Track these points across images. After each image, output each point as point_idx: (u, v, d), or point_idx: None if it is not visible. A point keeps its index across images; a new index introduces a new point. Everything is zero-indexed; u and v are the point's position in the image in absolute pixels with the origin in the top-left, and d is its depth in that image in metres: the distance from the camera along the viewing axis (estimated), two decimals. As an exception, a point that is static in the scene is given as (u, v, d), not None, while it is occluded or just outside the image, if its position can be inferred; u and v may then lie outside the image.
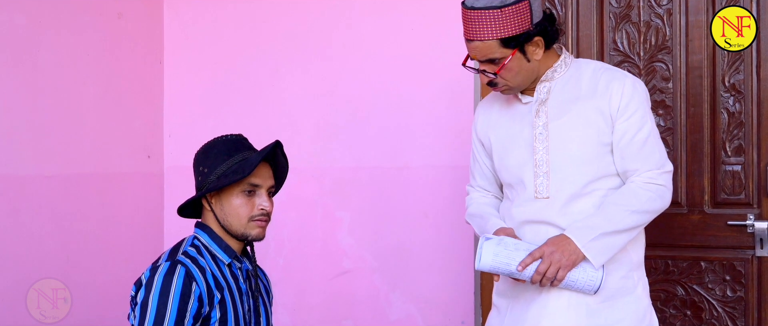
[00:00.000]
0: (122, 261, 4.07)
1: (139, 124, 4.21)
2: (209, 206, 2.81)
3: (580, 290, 2.75)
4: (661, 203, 2.82)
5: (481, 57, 2.80)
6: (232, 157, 2.79)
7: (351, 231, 4.10)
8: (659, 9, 3.71)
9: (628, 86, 2.81)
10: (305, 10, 4.17)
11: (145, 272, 2.72)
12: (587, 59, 3.00)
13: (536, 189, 2.83)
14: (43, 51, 3.72)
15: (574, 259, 2.71)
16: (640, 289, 2.86)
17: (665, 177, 2.83)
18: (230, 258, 2.82)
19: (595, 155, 2.81)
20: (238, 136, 2.85)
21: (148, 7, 4.28)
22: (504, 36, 2.75)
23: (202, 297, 2.70)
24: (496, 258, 2.71)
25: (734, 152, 3.63)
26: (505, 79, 2.81)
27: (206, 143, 2.84)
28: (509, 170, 2.91)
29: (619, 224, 2.74)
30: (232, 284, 2.80)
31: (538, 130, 2.84)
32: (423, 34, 4.02)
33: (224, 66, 4.30)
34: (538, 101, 2.86)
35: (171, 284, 2.67)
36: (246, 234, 2.82)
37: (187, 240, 2.83)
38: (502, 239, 2.75)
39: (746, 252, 3.62)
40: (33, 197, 3.68)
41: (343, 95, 4.13)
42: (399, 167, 4.04)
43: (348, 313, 4.11)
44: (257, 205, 2.81)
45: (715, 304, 3.66)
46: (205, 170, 2.79)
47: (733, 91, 3.63)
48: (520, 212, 2.87)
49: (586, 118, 2.81)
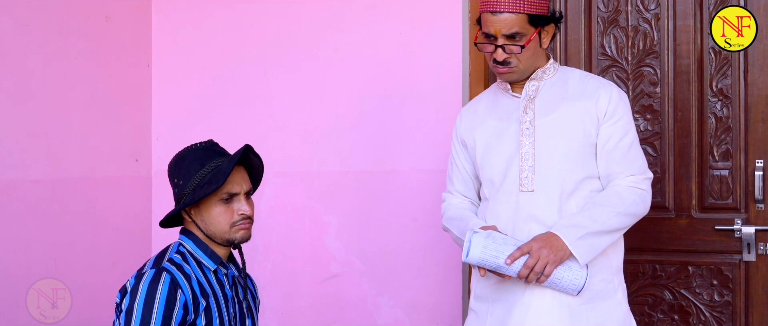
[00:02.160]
0: (110, 265, 4.05)
1: (127, 127, 4.20)
2: (190, 218, 2.81)
3: (563, 289, 2.77)
4: (643, 208, 2.88)
5: (507, 31, 2.82)
6: (204, 166, 2.77)
7: (339, 235, 4.09)
8: (647, 14, 3.71)
9: (615, 93, 2.90)
10: (294, 13, 4.17)
11: (130, 279, 2.71)
12: (572, 68, 3.07)
13: (521, 182, 2.86)
14: (30, 54, 3.71)
15: (561, 256, 2.74)
16: (619, 294, 2.91)
17: (647, 183, 2.90)
18: (216, 265, 2.81)
19: (580, 154, 2.85)
20: (208, 143, 2.84)
21: (136, 11, 4.27)
22: (534, 12, 2.82)
23: (187, 304, 2.69)
24: (485, 250, 2.73)
25: (722, 156, 3.64)
26: (519, 59, 2.85)
27: (177, 153, 2.83)
28: (494, 164, 2.93)
29: (605, 225, 2.78)
30: (217, 291, 2.79)
31: (524, 125, 2.89)
32: (412, 39, 4.02)
33: (212, 70, 4.30)
34: (527, 98, 2.92)
35: (156, 291, 2.66)
36: (231, 239, 2.82)
37: (172, 247, 2.82)
38: (490, 233, 2.77)
39: (733, 257, 3.62)
40: (20, 201, 3.66)
41: (332, 99, 4.12)
42: (387, 172, 4.04)
43: (336, 317, 4.10)
44: (237, 210, 2.81)
45: (703, 309, 3.66)
46: (180, 182, 2.78)
47: (721, 95, 3.63)
48: (504, 208, 2.89)
49: (573, 117, 2.87)
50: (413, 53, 4.02)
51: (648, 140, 3.70)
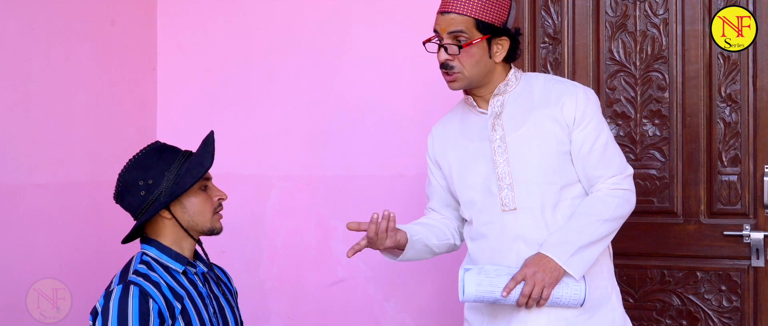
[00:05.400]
0: (115, 270, 4.02)
1: (132, 132, 4.18)
2: (170, 214, 2.77)
3: (566, 305, 2.75)
4: (629, 207, 2.84)
5: (450, 28, 2.80)
6: (173, 160, 2.75)
7: (345, 240, 4.08)
8: (656, 18, 3.70)
9: (581, 96, 2.83)
10: (299, 18, 4.16)
11: (100, 300, 2.68)
12: (536, 73, 3.02)
13: (502, 202, 2.82)
14: (35, 59, 3.69)
15: (556, 276, 2.70)
16: (614, 298, 2.88)
17: (628, 181, 2.85)
18: (183, 266, 2.79)
19: (556, 164, 2.81)
20: (156, 143, 2.81)
21: (142, 15, 4.26)
22: (482, 18, 2.78)
23: (161, 312, 2.66)
24: (479, 287, 2.70)
25: (730, 162, 3.63)
26: (463, 64, 2.80)
27: (128, 163, 2.78)
28: (472, 187, 2.89)
29: (593, 235, 2.75)
30: (191, 290, 2.76)
31: (495, 144, 2.84)
32: (416, 43, 4.00)
33: (217, 74, 4.28)
34: (493, 115, 2.86)
35: (127, 306, 2.63)
36: (213, 228, 2.81)
37: (135, 259, 2.78)
38: (481, 267, 2.74)
39: (742, 262, 3.61)
40: (25, 205, 3.65)
41: (337, 103, 4.11)
42: (393, 176, 4.03)
43: (342, 322, 4.09)
44: (215, 196, 2.81)
45: (711, 314, 3.65)
46: (151, 182, 2.73)
47: (730, 101, 3.62)
48: (489, 229, 2.86)
49: (543, 127, 2.81)
50: (418, 57, 4.00)
51: (656, 145, 3.70)
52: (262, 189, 4.20)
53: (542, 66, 3.83)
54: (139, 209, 2.76)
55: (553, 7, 3.82)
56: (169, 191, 2.73)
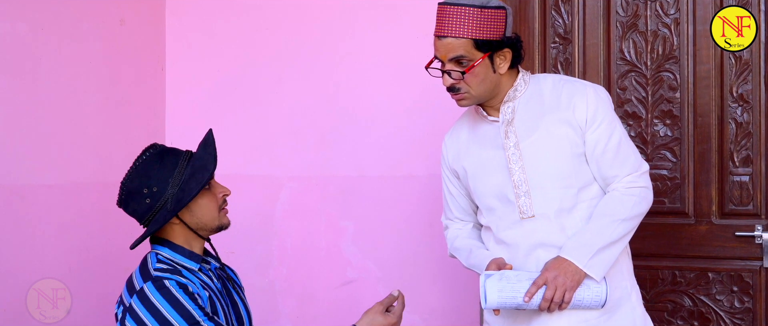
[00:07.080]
0: (124, 270, 4.02)
1: (141, 132, 4.18)
2: (179, 220, 2.75)
3: (587, 307, 2.75)
4: (646, 205, 2.82)
5: (451, 55, 2.77)
6: (176, 165, 2.72)
7: (355, 241, 4.07)
8: (667, 18, 3.69)
9: (591, 96, 2.81)
10: (308, 18, 4.15)
11: (132, 298, 2.65)
12: (545, 74, 2.98)
13: (521, 209, 2.81)
14: (44, 59, 3.69)
15: (577, 279, 2.71)
16: (634, 297, 2.88)
17: (644, 178, 2.83)
18: (198, 263, 2.78)
19: (572, 167, 2.80)
20: (154, 147, 2.78)
21: (151, 14, 4.25)
22: (479, 37, 2.74)
23: (211, 298, 2.69)
24: (502, 293, 2.70)
25: (742, 162, 3.62)
26: (469, 85, 2.79)
27: (129, 170, 2.75)
28: (489, 195, 2.88)
29: (612, 236, 2.74)
30: (212, 286, 2.76)
31: (510, 151, 2.83)
32: (426, 43, 3.99)
33: (226, 74, 4.27)
34: (505, 122, 2.85)
35: (171, 293, 2.62)
36: (221, 225, 2.81)
37: (150, 259, 2.76)
38: (502, 273, 2.73)
39: (754, 263, 3.61)
40: (34, 206, 3.64)
41: (346, 103, 4.10)
42: (403, 176, 4.02)
43: (352, 322, 4.07)
44: (219, 193, 2.80)
45: (723, 315, 3.64)
46: (155, 190, 2.70)
47: (741, 101, 3.61)
48: (508, 236, 2.85)
49: (556, 132, 2.80)
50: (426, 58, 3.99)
51: (668, 146, 3.68)
52: (271, 190, 4.20)
53: (553, 66, 3.82)
54: (146, 216, 2.74)
55: (564, 7, 3.81)
56: (175, 199, 2.70)
